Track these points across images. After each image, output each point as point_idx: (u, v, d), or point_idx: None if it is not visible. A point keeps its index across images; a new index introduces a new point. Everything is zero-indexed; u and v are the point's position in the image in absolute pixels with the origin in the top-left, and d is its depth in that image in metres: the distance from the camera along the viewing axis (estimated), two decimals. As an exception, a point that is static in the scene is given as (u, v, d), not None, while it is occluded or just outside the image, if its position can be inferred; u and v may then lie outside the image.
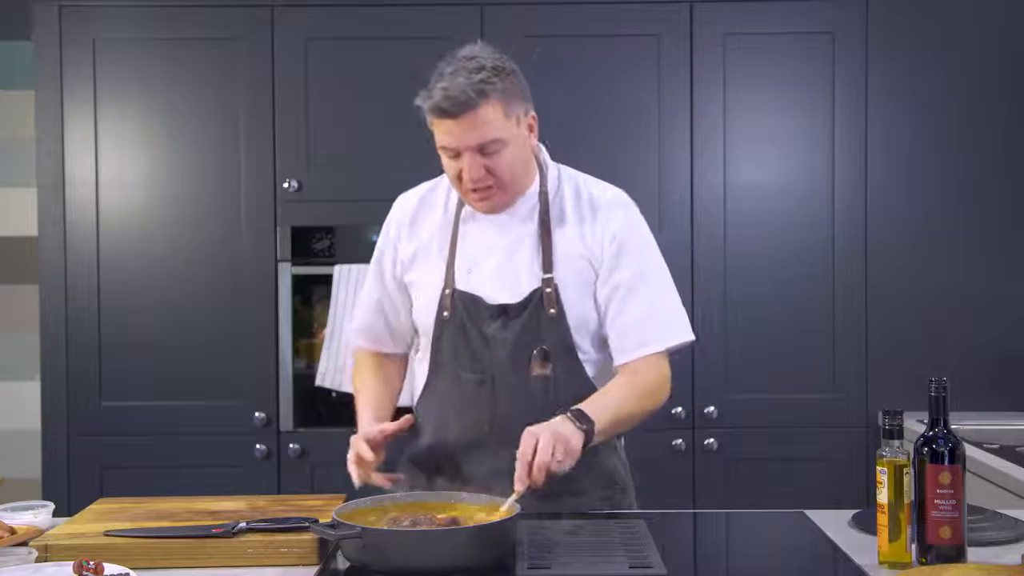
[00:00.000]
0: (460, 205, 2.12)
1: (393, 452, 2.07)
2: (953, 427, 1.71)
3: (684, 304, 3.15)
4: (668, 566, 1.67)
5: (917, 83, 3.32)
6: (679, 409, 3.28)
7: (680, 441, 3.29)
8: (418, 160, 3.24)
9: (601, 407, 1.95)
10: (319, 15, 3.31)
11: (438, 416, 2.10)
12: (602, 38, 3.31)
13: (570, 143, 3.27)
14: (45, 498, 2.85)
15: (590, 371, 2.08)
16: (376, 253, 2.22)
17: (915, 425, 2.92)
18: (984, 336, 3.33)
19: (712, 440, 3.29)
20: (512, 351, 2.02)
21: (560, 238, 2.07)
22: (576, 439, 1.87)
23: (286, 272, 3.31)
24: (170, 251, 3.31)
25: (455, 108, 1.95)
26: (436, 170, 2.35)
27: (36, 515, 1.96)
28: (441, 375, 2.10)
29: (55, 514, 2.01)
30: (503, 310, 2.04)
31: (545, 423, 1.88)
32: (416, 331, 2.19)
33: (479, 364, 2.04)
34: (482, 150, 1.98)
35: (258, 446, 3.29)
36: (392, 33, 3.29)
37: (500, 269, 2.06)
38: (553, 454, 1.81)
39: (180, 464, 3.24)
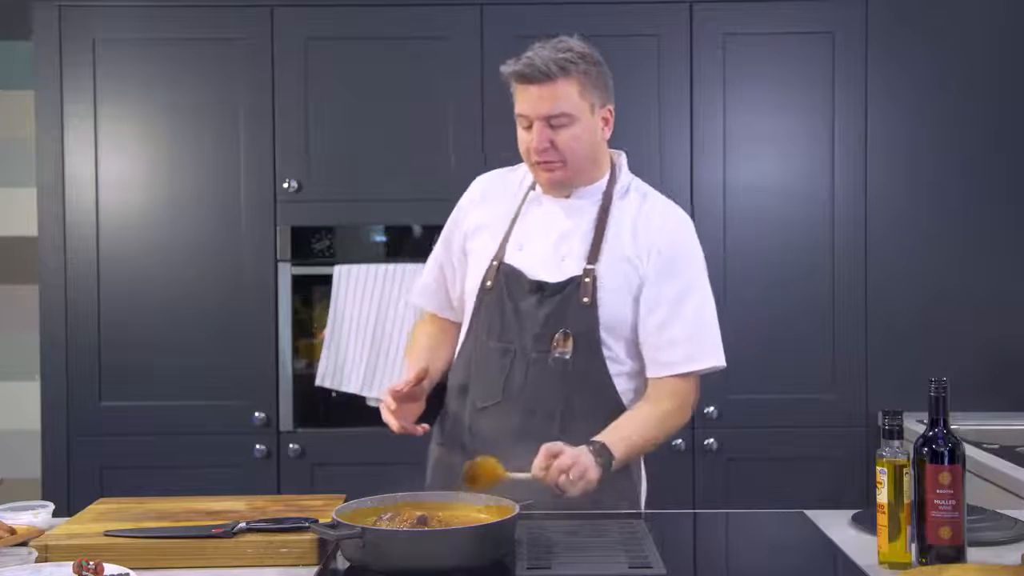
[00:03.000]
0: (530, 188, 2.22)
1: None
2: (953, 427, 1.71)
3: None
4: (668, 566, 1.67)
5: (917, 83, 3.32)
6: (679, 409, 3.28)
7: (680, 441, 3.28)
8: (418, 160, 3.26)
9: (623, 439, 2.03)
10: (319, 15, 3.31)
11: (461, 380, 2.19)
12: (602, 38, 3.28)
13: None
14: (45, 498, 2.85)
15: (612, 369, 2.12)
16: (447, 224, 2.32)
17: (915, 425, 2.92)
18: (984, 336, 3.33)
19: (712, 440, 3.29)
20: (541, 328, 2.09)
21: (612, 237, 2.14)
22: (594, 472, 1.94)
23: (286, 272, 3.31)
24: (170, 251, 3.31)
25: (535, 75, 2.06)
26: (439, 172, 2.36)
27: (36, 515, 1.96)
28: (473, 341, 2.19)
29: (55, 514, 2.01)
30: (540, 287, 2.11)
31: (569, 448, 1.95)
32: (465, 299, 2.26)
33: (507, 335, 2.12)
34: (551, 122, 2.08)
35: (258, 446, 3.29)
36: (392, 33, 3.29)
37: (548, 250, 2.14)
38: (569, 471, 1.89)
39: (180, 464, 3.24)
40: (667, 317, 2.12)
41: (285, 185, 3.29)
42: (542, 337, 2.09)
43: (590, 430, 2.03)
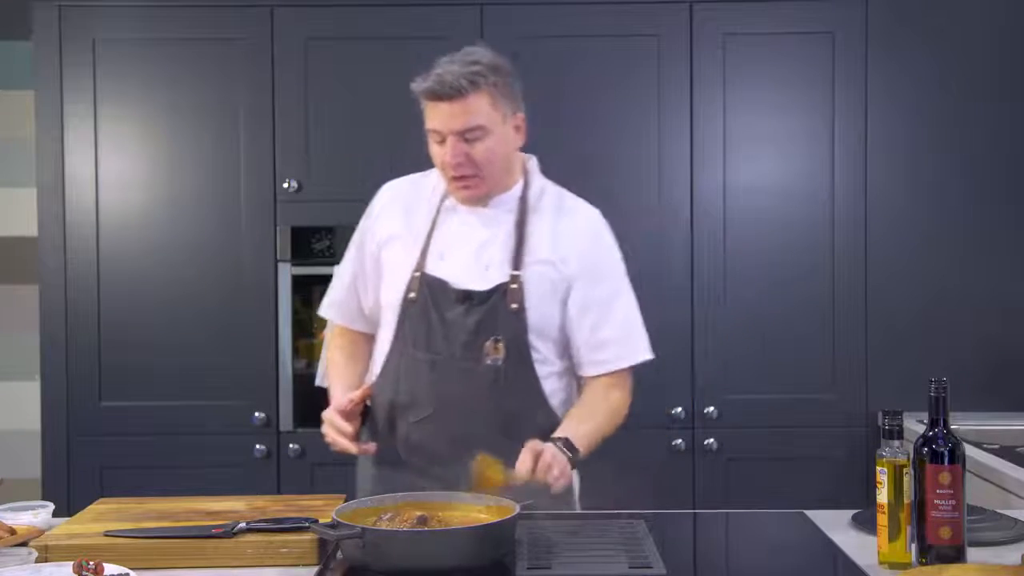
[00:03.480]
0: (444, 194, 2.22)
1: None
2: (953, 427, 1.71)
3: (684, 303, 3.18)
4: (668, 566, 1.67)
5: (917, 83, 3.32)
6: (679, 409, 3.28)
7: (680, 441, 3.29)
8: (418, 160, 3.24)
9: (585, 435, 2.07)
10: (319, 15, 3.31)
11: (391, 394, 2.18)
12: (602, 38, 3.31)
13: (570, 143, 3.29)
14: (45, 498, 2.85)
15: (541, 371, 2.15)
16: (357, 233, 2.31)
17: (915, 425, 2.92)
18: (984, 336, 3.33)
19: (712, 440, 3.29)
20: (469, 337, 2.11)
21: (533, 242, 2.16)
22: (568, 467, 2.00)
23: (286, 272, 3.31)
24: (170, 251, 3.31)
25: (446, 92, 2.07)
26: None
27: (36, 515, 1.96)
28: (398, 354, 2.18)
29: (55, 514, 2.01)
30: (467, 296, 2.12)
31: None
32: (382, 310, 2.26)
33: (435, 346, 2.13)
34: (465, 136, 2.09)
35: (258, 446, 3.29)
36: (392, 33, 3.29)
37: (471, 259, 2.15)
38: (552, 467, 1.94)
39: (180, 464, 3.24)
40: (598, 319, 2.17)
41: (285, 185, 3.29)
42: (471, 345, 2.10)
43: (523, 433, 2.04)
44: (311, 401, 3.30)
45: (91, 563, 1.60)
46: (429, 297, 2.13)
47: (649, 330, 3.24)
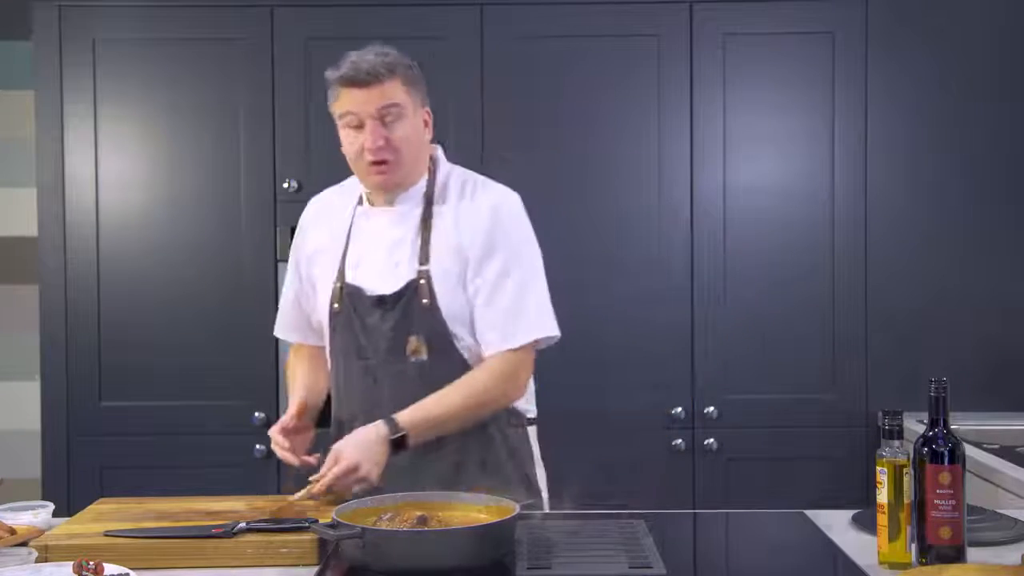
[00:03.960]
0: (359, 201, 2.24)
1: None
2: (953, 427, 1.71)
3: (684, 303, 3.17)
4: (668, 566, 1.67)
5: (917, 83, 3.32)
6: (679, 409, 3.28)
7: (680, 441, 3.29)
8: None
9: (419, 408, 2.06)
10: (319, 15, 3.31)
11: (337, 404, 2.24)
12: (602, 38, 3.31)
13: (570, 143, 3.29)
14: (45, 498, 2.85)
15: (469, 358, 2.15)
16: (292, 250, 2.35)
17: (915, 425, 2.92)
18: (984, 336, 3.33)
19: (712, 440, 3.29)
20: (390, 340, 2.13)
21: (438, 232, 2.17)
22: (381, 451, 2.01)
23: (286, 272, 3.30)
24: (170, 251, 3.31)
25: (362, 77, 2.09)
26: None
27: (36, 515, 1.96)
28: (337, 365, 2.22)
29: (55, 514, 2.01)
30: (381, 301, 2.14)
31: (353, 442, 2.02)
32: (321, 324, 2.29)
33: (364, 353, 2.16)
34: (383, 118, 2.10)
35: (258, 446, 3.28)
36: (392, 33, 3.28)
37: (382, 262, 2.17)
38: (356, 471, 1.98)
39: (180, 464, 3.24)
40: (489, 295, 2.14)
41: (285, 185, 3.29)
42: (394, 347, 2.12)
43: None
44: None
45: (91, 563, 1.60)
46: (350, 306, 2.16)
47: (650, 329, 3.28)
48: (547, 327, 2.17)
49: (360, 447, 2.01)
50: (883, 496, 1.71)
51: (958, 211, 3.34)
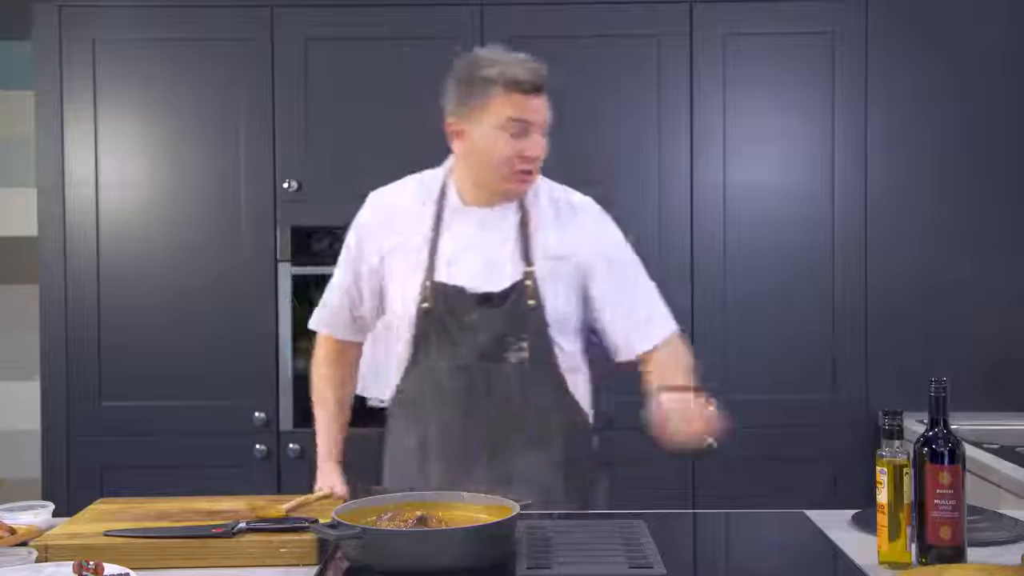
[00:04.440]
0: (441, 200, 2.21)
1: (372, 449, 2.21)
2: (953, 427, 1.71)
3: (684, 303, 3.18)
4: (668, 566, 1.67)
5: (917, 83, 3.32)
6: (679, 409, 3.28)
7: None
8: (418, 160, 3.25)
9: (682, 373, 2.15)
10: (319, 15, 3.31)
11: (416, 407, 2.18)
12: (602, 38, 3.31)
13: (570, 143, 3.28)
14: (45, 498, 2.84)
15: (563, 366, 2.16)
16: (351, 245, 2.27)
17: (915, 425, 2.92)
18: (984, 337, 3.33)
19: (712, 440, 3.28)
20: (492, 339, 2.10)
21: (540, 236, 2.17)
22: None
23: (286, 272, 3.31)
24: (170, 251, 3.31)
25: (536, 84, 2.11)
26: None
27: (36, 515, 1.96)
28: (419, 367, 2.17)
29: (55, 514, 2.01)
30: (485, 298, 2.12)
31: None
32: (375, 323, 2.28)
33: (458, 353, 2.12)
34: (543, 131, 2.14)
35: (258, 446, 3.29)
36: (392, 33, 3.29)
37: (482, 261, 2.15)
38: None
39: (180, 464, 3.24)
40: (632, 301, 2.19)
41: (285, 185, 3.29)
42: (495, 348, 2.10)
43: (549, 428, 2.10)
44: (311, 401, 3.31)
45: (91, 563, 1.60)
46: (444, 305, 2.12)
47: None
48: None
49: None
50: (883, 496, 1.71)
51: (958, 211, 3.34)
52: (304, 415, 3.32)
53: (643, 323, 2.19)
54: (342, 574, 1.70)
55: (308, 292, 3.35)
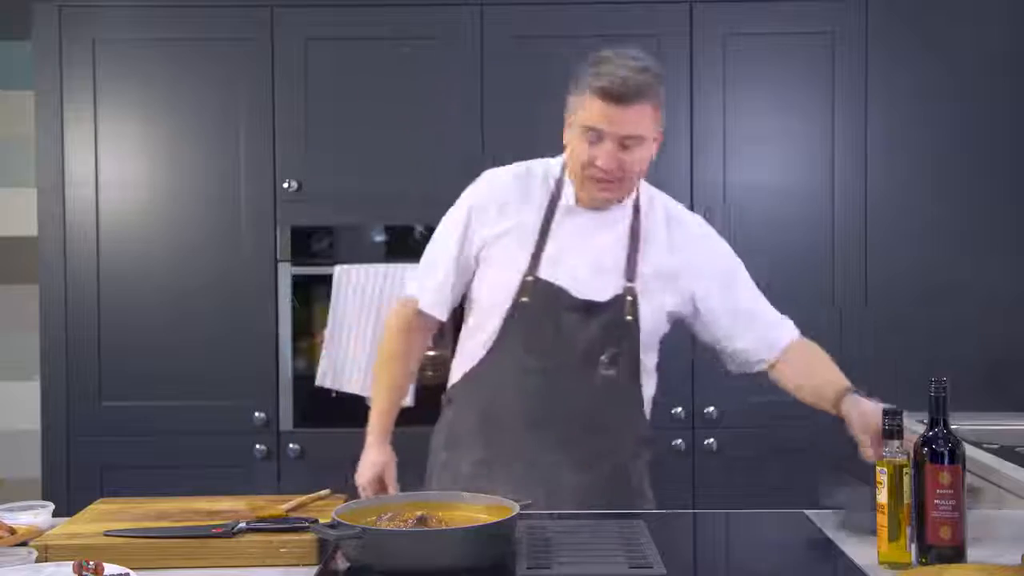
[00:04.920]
0: (556, 194, 2.17)
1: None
2: (953, 427, 1.71)
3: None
4: (668, 566, 1.67)
5: (917, 83, 3.32)
6: (679, 409, 3.28)
7: (680, 441, 3.29)
8: (418, 160, 3.26)
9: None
10: (319, 15, 3.31)
11: (488, 398, 2.15)
12: (602, 38, 3.29)
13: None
14: (45, 498, 2.84)
15: (643, 381, 2.20)
16: (457, 220, 2.21)
17: (915, 425, 2.91)
18: (984, 337, 3.33)
19: (712, 440, 3.29)
20: (587, 347, 2.09)
21: (648, 251, 2.16)
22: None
23: (286, 272, 3.31)
24: (170, 251, 3.31)
25: (624, 96, 2.03)
26: (439, 172, 2.36)
27: (36, 515, 1.96)
28: (501, 358, 2.13)
29: (55, 514, 2.01)
30: (586, 306, 2.10)
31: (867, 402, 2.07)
32: (469, 308, 2.23)
33: (548, 353, 2.09)
34: (623, 143, 2.07)
35: (258, 446, 3.29)
36: (392, 33, 3.29)
37: (587, 266, 2.13)
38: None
39: (180, 464, 3.24)
40: (752, 313, 2.24)
41: (285, 185, 3.29)
42: (587, 356, 2.09)
43: (620, 442, 2.15)
44: (311, 401, 3.32)
45: (91, 563, 1.60)
46: (542, 303, 2.10)
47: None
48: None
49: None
50: (883, 496, 1.71)
51: (958, 211, 3.34)
52: (304, 415, 3.32)
53: (769, 330, 2.23)
54: (342, 574, 1.70)
55: (308, 292, 3.36)
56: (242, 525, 1.83)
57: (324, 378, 3.27)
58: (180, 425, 3.28)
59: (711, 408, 3.28)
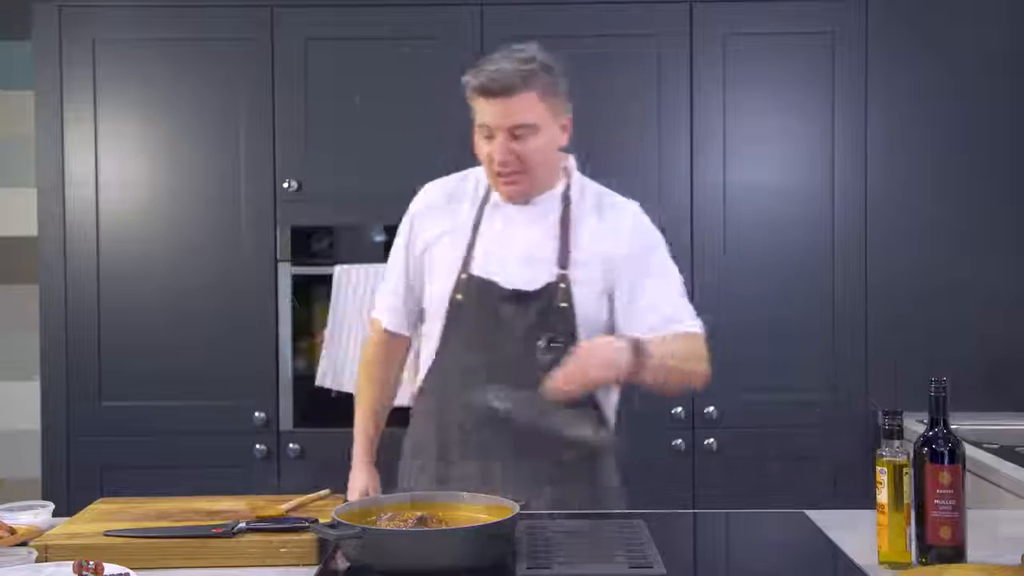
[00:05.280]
0: (487, 195, 2.22)
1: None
2: (953, 427, 1.71)
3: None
4: (668, 566, 1.67)
5: (917, 83, 3.32)
6: (679, 409, 3.28)
7: (680, 441, 3.29)
8: (418, 160, 3.25)
9: (658, 347, 2.05)
10: (319, 15, 3.31)
11: (440, 403, 2.18)
12: (601, 38, 3.31)
13: (569, 143, 3.28)
14: (45, 498, 2.84)
15: None
16: (402, 232, 2.30)
17: (915, 425, 2.92)
18: (984, 337, 3.33)
19: (712, 440, 3.29)
20: (522, 336, 2.09)
21: (578, 240, 2.16)
22: (621, 370, 2.00)
23: (286, 272, 3.31)
24: (170, 251, 3.31)
25: (499, 89, 2.07)
26: (439, 172, 2.36)
27: (36, 515, 1.96)
28: (447, 361, 2.17)
29: (55, 514, 2.01)
30: (517, 296, 2.12)
31: (603, 343, 2.02)
32: (423, 314, 2.26)
33: (487, 347, 2.12)
34: (513, 134, 2.09)
35: (258, 446, 3.29)
36: (392, 33, 3.29)
37: (518, 259, 2.15)
38: (590, 375, 1.98)
39: (180, 464, 3.24)
40: (659, 292, 2.18)
41: (285, 185, 3.29)
42: (523, 344, 2.09)
43: (573, 430, 2.10)
44: (311, 401, 3.32)
45: (91, 563, 1.60)
46: (477, 299, 2.13)
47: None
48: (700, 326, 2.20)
49: (599, 345, 2.01)
50: (883, 496, 1.71)
51: (958, 211, 3.34)
52: (304, 415, 3.32)
53: (665, 316, 2.16)
54: (342, 574, 1.70)
55: (308, 292, 3.36)
56: (242, 525, 1.83)
57: (324, 378, 3.27)
58: (180, 425, 3.28)
59: (711, 408, 3.28)
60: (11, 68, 3.64)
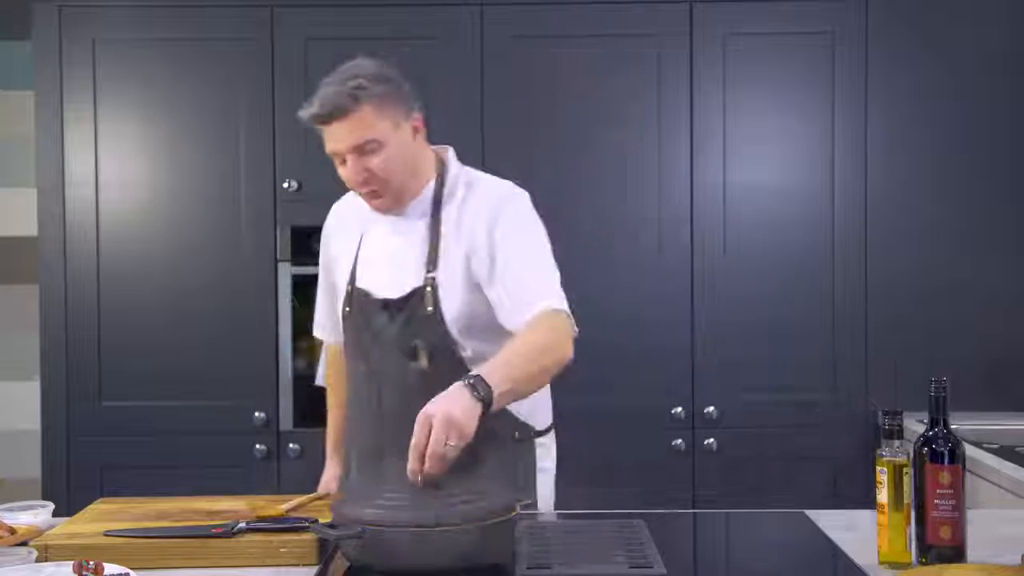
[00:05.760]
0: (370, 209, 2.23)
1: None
2: (953, 427, 1.71)
3: (684, 303, 3.17)
4: (668, 566, 1.67)
5: (917, 83, 3.32)
6: (679, 409, 3.28)
7: (680, 441, 3.29)
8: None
9: (498, 370, 1.87)
10: (319, 15, 3.31)
11: (351, 414, 2.29)
12: (601, 38, 3.31)
13: (569, 143, 3.29)
14: (45, 498, 2.84)
15: (471, 365, 2.05)
16: (320, 251, 2.41)
17: (915, 425, 2.92)
18: (984, 336, 3.33)
19: (712, 440, 3.29)
20: (394, 345, 2.12)
21: (447, 238, 2.14)
22: (471, 416, 1.79)
23: (286, 272, 3.31)
24: (170, 251, 3.31)
25: (329, 113, 2.07)
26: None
27: (36, 515, 1.96)
28: (350, 370, 2.26)
29: (55, 514, 2.01)
30: (386, 305, 2.14)
31: (441, 399, 1.80)
32: None
33: (370, 356, 2.16)
34: (362, 151, 2.07)
35: (258, 446, 3.29)
36: (392, 33, 3.29)
37: (389, 267, 2.17)
38: (447, 441, 1.74)
39: (180, 464, 3.24)
40: (514, 268, 2.06)
41: (285, 185, 3.29)
42: (397, 354, 2.11)
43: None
44: (311, 401, 3.30)
45: (91, 563, 1.60)
46: (359, 310, 2.17)
47: (650, 329, 3.27)
48: (560, 301, 2.05)
49: (446, 413, 1.76)
50: (883, 496, 1.71)
51: (958, 211, 3.34)
52: (304, 415, 3.32)
53: (519, 292, 2.04)
54: (342, 574, 1.70)
55: (308, 292, 3.35)
56: (242, 525, 1.83)
57: (324, 378, 3.26)
58: (180, 425, 3.28)
59: (711, 408, 3.28)
60: (11, 68, 3.64)
